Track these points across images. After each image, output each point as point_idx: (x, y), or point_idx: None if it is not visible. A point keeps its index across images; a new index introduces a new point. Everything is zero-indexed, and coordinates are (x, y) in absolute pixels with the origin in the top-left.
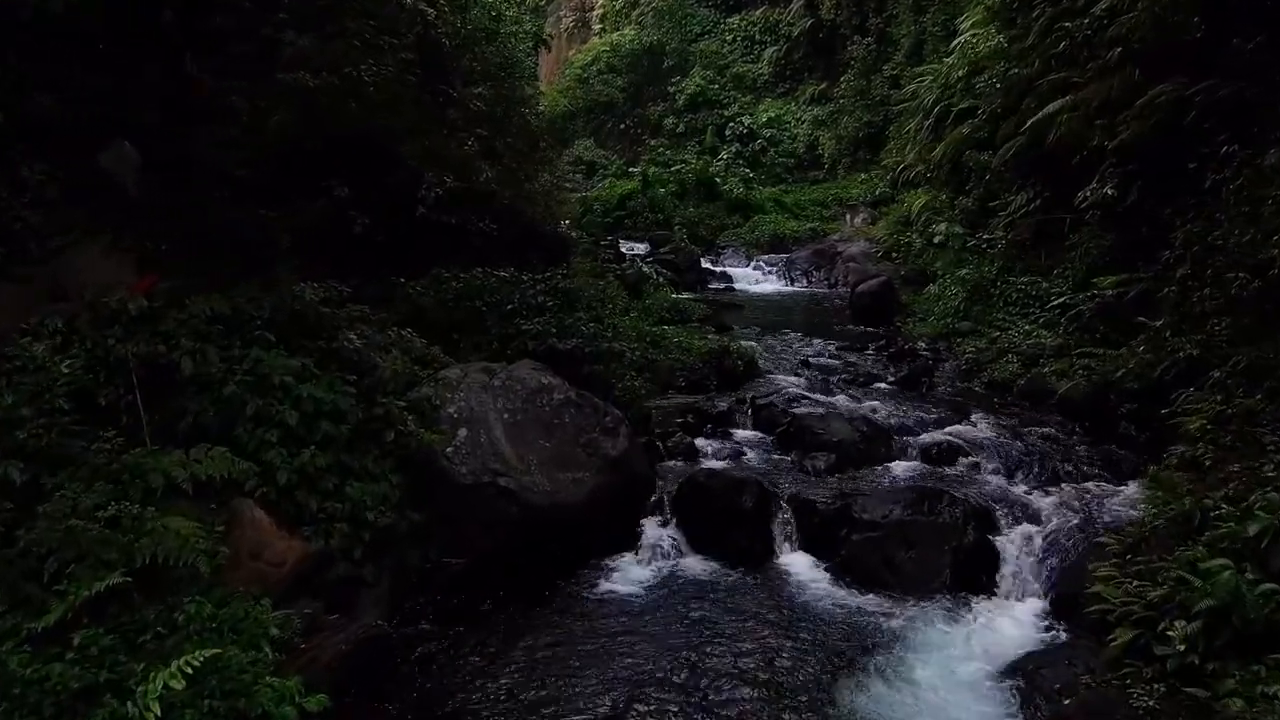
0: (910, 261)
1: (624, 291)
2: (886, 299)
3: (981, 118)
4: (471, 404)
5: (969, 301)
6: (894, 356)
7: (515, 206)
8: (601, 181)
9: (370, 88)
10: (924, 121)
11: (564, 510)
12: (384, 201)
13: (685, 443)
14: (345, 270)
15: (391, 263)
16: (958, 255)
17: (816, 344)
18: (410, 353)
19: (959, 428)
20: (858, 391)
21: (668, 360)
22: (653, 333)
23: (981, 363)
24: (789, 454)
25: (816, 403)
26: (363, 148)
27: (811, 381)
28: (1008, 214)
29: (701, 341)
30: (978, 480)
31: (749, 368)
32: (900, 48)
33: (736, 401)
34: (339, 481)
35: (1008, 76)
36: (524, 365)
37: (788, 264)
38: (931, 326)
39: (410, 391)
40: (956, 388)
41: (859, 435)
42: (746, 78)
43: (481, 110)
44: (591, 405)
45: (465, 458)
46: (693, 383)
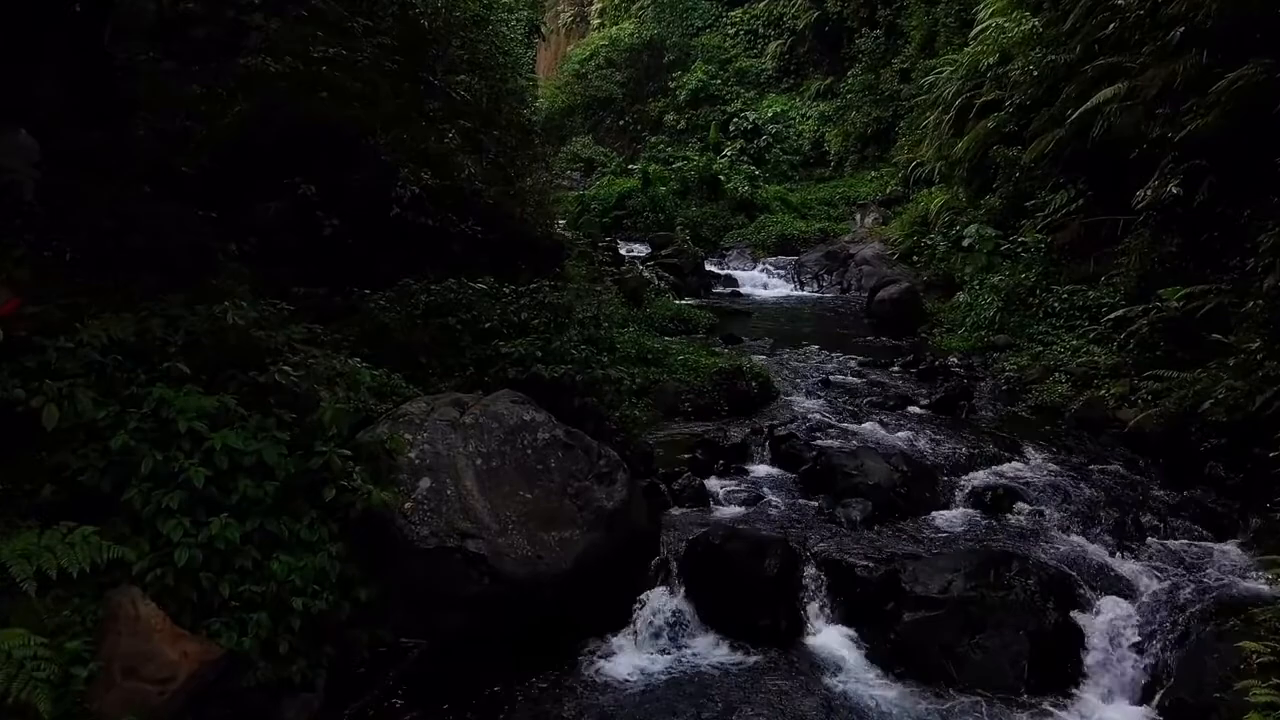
0: (933, 266)
1: (622, 299)
2: (909, 308)
3: (1009, 110)
4: (437, 447)
5: (1004, 312)
6: (924, 374)
7: (502, 206)
8: (600, 180)
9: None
10: (943, 115)
11: (548, 581)
12: (354, 201)
13: (694, 485)
14: (313, 278)
15: (364, 270)
16: (989, 260)
17: (835, 359)
18: (363, 383)
19: (1012, 465)
20: (888, 417)
21: (672, 381)
22: (655, 349)
23: (1025, 382)
24: (815, 498)
25: (843, 432)
26: (331, 141)
27: (834, 405)
28: (1045, 215)
29: (710, 359)
30: (1044, 535)
31: (764, 389)
32: (911, 40)
33: (752, 432)
34: (260, 556)
35: (1043, 64)
36: (503, 397)
37: (796, 267)
38: (962, 339)
39: (362, 432)
40: (999, 412)
41: (898, 476)
42: (749, 73)
43: (466, 100)
44: (583, 446)
45: (427, 516)
46: (700, 408)
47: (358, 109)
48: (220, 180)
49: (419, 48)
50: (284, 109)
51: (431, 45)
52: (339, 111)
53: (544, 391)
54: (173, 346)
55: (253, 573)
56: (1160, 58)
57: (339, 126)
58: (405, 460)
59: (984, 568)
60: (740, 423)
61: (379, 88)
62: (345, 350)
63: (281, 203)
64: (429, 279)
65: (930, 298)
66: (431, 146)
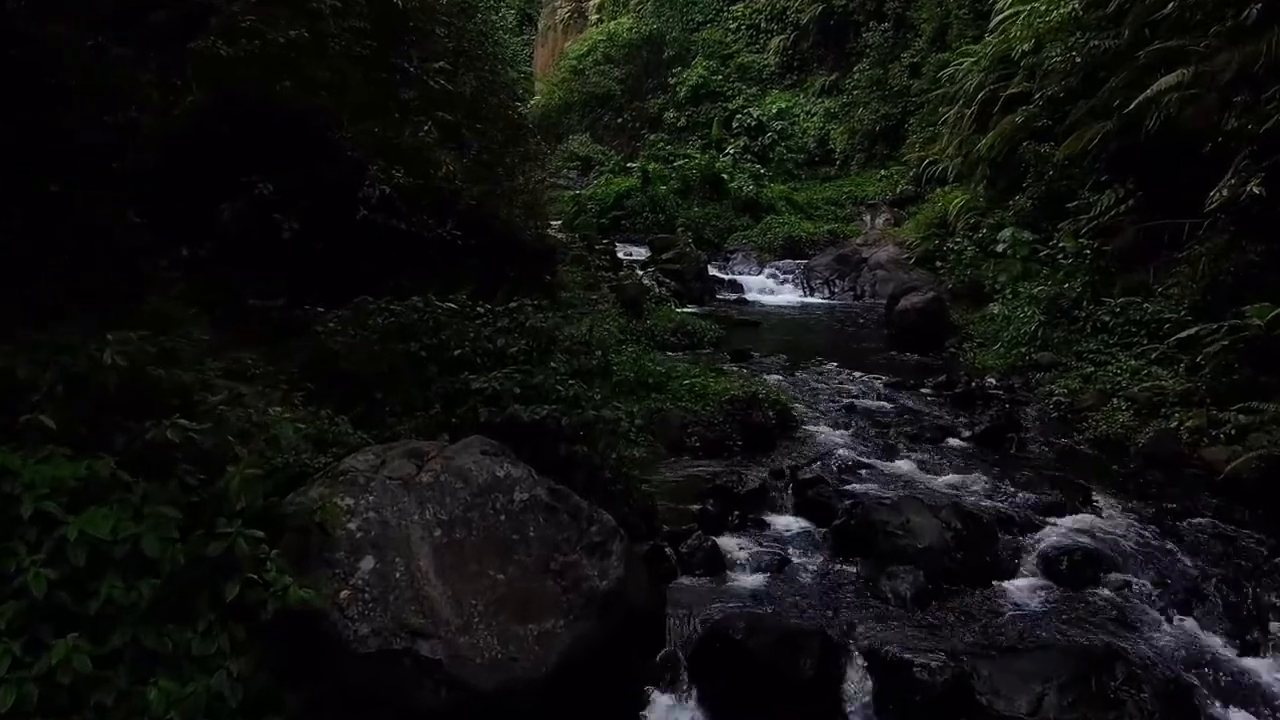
0: (958, 272)
1: (620, 309)
2: (936, 319)
3: (1039, 103)
4: (385, 514)
5: (1047, 326)
6: (960, 398)
7: (486, 207)
8: (598, 179)
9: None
10: (964, 110)
11: (523, 688)
12: (317, 201)
13: (705, 546)
14: (273, 288)
15: (329, 279)
16: (1025, 266)
17: (858, 378)
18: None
19: (1082, 517)
20: (926, 452)
21: (677, 411)
22: (656, 372)
23: (1078, 409)
24: (852, 562)
25: (877, 473)
26: (293, 134)
27: (863, 436)
28: (1090, 217)
29: (719, 383)
30: (1143, 620)
31: (782, 418)
32: (921, 33)
33: (771, 474)
34: (131, 683)
35: (1086, 50)
36: (471, 446)
37: (806, 271)
38: (999, 356)
39: (292, 495)
40: (1054, 446)
41: (952, 535)
42: (751, 68)
43: (447, 91)
44: (570, 508)
45: (369, 608)
46: (710, 442)
47: (324, 98)
48: (171, 178)
49: (395, 33)
50: (242, 98)
51: (410, 30)
52: (303, 101)
53: (523, 437)
54: (40, 393)
55: (116, 709)
56: (1234, 39)
57: (302, 118)
58: (343, 534)
59: (1081, 674)
60: (757, 461)
61: (349, 75)
62: (283, 385)
63: (238, 203)
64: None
65: (957, 308)
66: (406, 141)
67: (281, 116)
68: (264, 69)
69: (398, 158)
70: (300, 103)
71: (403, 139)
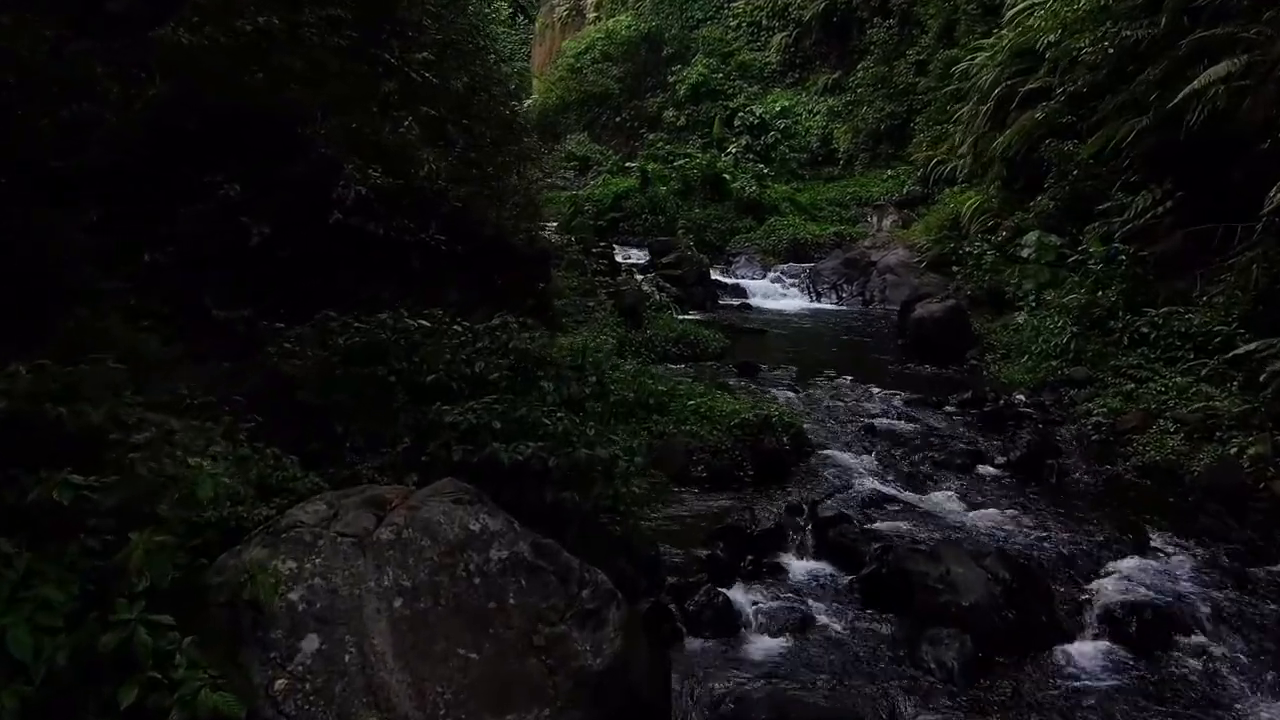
0: (976, 278)
1: (618, 318)
2: (955, 329)
3: (1061, 98)
4: (334, 581)
5: (1079, 338)
6: (988, 418)
7: (474, 209)
8: (595, 179)
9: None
10: (979, 107)
11: None
12: (287, 203)
13: (715, 601)
14: (240, 298)
15: (302, 288)
16: (1053, 273)
17: (875, 395)
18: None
19: (1143, 563)
20: (957, 482)
21: (682, 436)
22: (658, 391)
23: (1120, 432)
24: (883, 617)
25: (905, 508)
26: (262, 129)
27: (887, 463)
28: (1124, 220)
29: (728, 404)
30: (1230, 694)
31: (797, 443)
32: (928, 29)
33: (788, 509)
34: None
35: (1119, 40)
36: (442, 493)
37: (812, 276)
38: (1027, 370)
39: (224, 556)
40: (1098, 474)
41: (1000, 590)
42: (753, 66)
43: (431, 83)
44: (558, 569)
45: (311, 702)
46: (718, 472)
47: (297, 90)
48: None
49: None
50: (208, 91)
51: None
52: (274, 94)
53: (504, 481)
54: None
55: None
56: None
57: (272, 112)
58: (283, 606)
59: None
60: (770, 493)
61: (326, 66)
62: (227, 418)
63: (203, 205)
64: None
65: (976, 316)
66: (386, 138)
67: (250, 111)
68: (232, 59)
69: (377, 156)
70: (271, 96)
71: (382, 136)
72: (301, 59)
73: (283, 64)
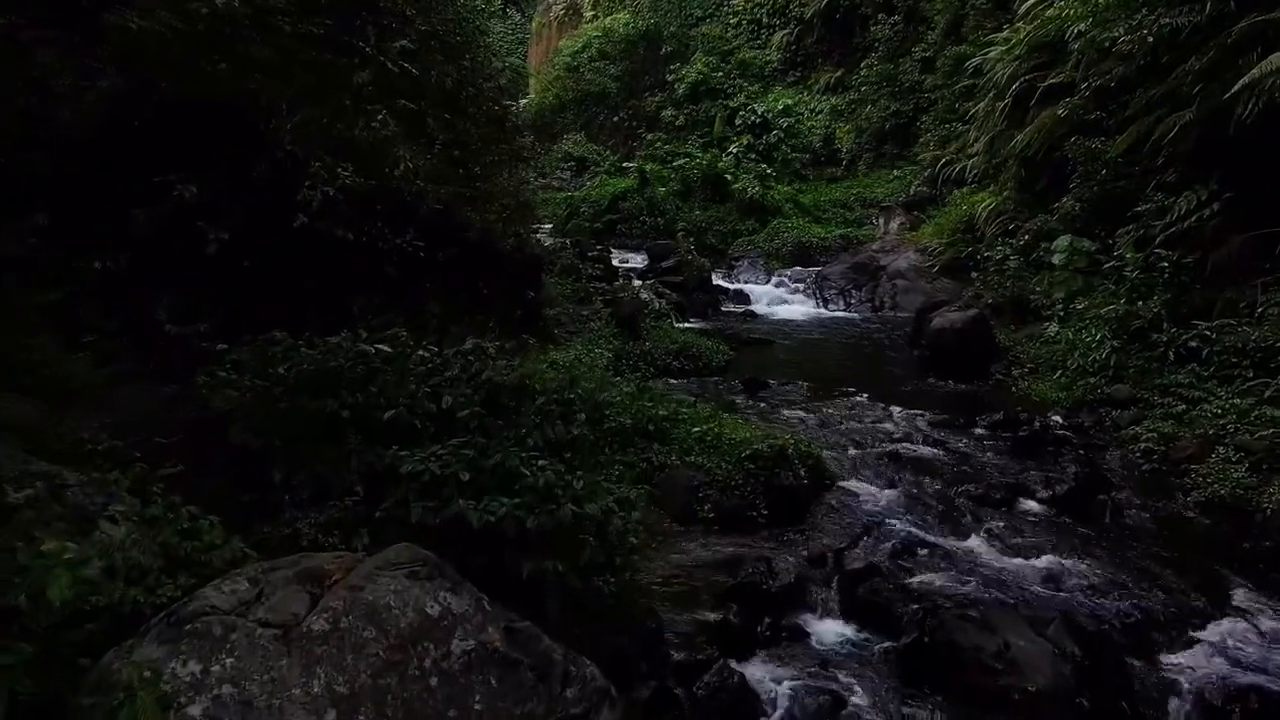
0: (999, 285)
1: (614, 329)
2: (978, 341)
3: (1085, 93)
4: (250, 688)
5: (1120, 352)
6: (1024, 443)
7: (457, 212)
8: (592, 180)
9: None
10: (996, 104)
11: None
12: (248, 206)
13: (729, 682)
14: (198, 310)
15: (265, 300)
16: (1086, 280)
17: (895, 414)
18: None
19: (1232, 627)
20: (999, 521)
21: (685, 468)
22: (657, 415)
23: (1175, 460)
24: (929, 700)
25: (944, 556)
26: (222, 125)
27: (916, 498)
28: (1166, 223)
29: (737, 429)
30: None
31: (815, 475)
32: (935, 26)
33: (809, 559)
34: None
35: (1158, 29)
36: (394, 565)
37: (819, 281)
38: (1061, 387)
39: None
40: (1156, 511)
41: (1071, 669)
42: (753, 64)
43: (410, 74)
44: (537, 660)
45: None
46: (728, 512)
47: (261, 82)
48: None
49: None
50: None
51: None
52: (234, 85)
53: (472, 546)
54: None
55: None
56: None
57: (233, 105)
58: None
59: None
60: (788, 537)
61: (295, 56)
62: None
63: (157, 208)
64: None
65: (999, 326)
66: (360, 134)
67: (209, 104)
68: (192, 47)
69: (349, 153)
70: (233, 88)
71: (356, 132)
72: (269, 47)
73: (247, 53)
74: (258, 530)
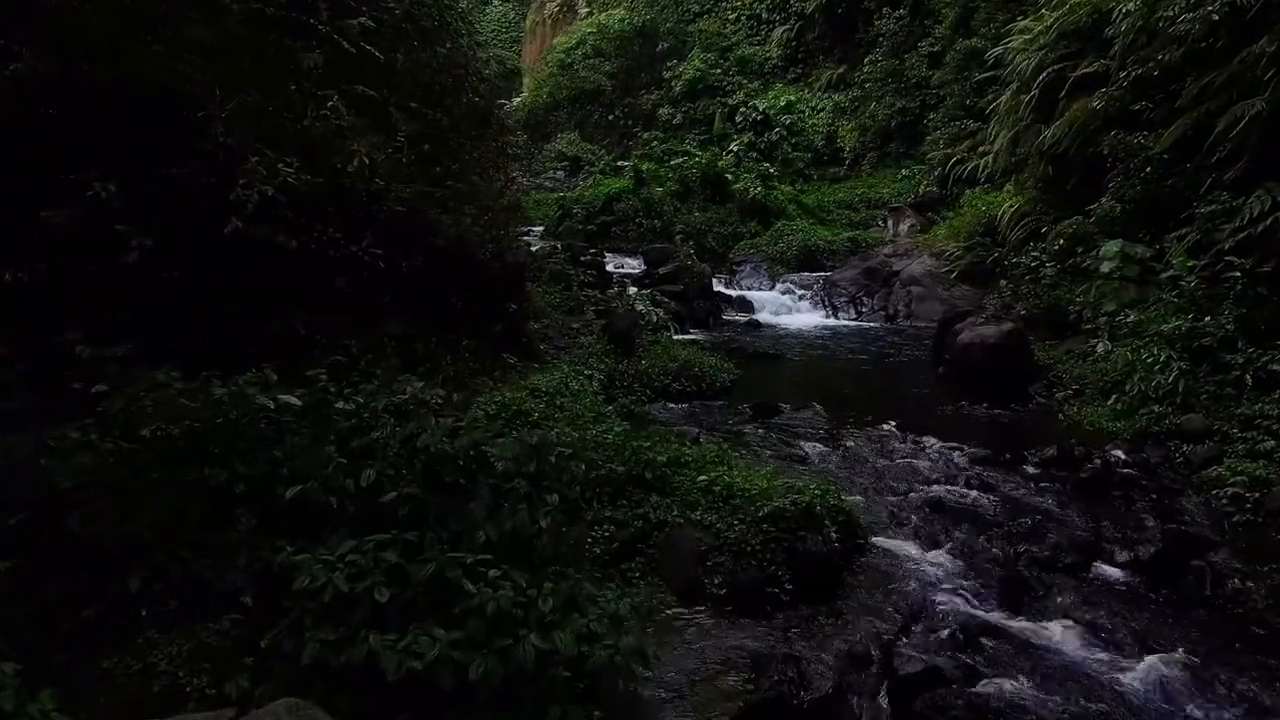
0: (1031, 293)
1: (607, 346)
2: (1014, 358)
3: (1124, 83)
4: None
5: (1189, 376)
6: (1087, 486)
7: (423, 214)
8: (586, 180)
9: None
10: (1020, 97)
11: None
12: (175, 207)
13: None
14: (118, 331)
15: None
16: (1140, 292)
17: (930, 449)
18: None
19: None
20: (1075, 595)
21: (690, 527)
22: (656, 461)
23: (1273, 510)
24: None
25: (1019, 650)
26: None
27: (971, 563)
28: (1236, 227)
29: (750, 476)
30: None
31: (847, 533)
32: (943, 19)
33: (850, 659)
34: None
35: (1222, 6)
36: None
37: (827, 287)
38: (1118, 416)
39: None
40: (1263, 580)
41: None
42: (752, 61)
43: (372, 57)
44: None
45: None
46: (741, 587)
47: (195, 64)
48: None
49: None
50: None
51: None
52: (164, 70)
53: (390, 698)
54: None
55: None
56: None
57: (161, 92)
58: None
59: None
60: (819, 622)
61: (238, 38)
62: None
63: (72, 210)
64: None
65: (1034, 340)
66: (310, 126)
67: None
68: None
69: (298, 147)
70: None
71: (305, 122)
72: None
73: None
74: (94, 665)
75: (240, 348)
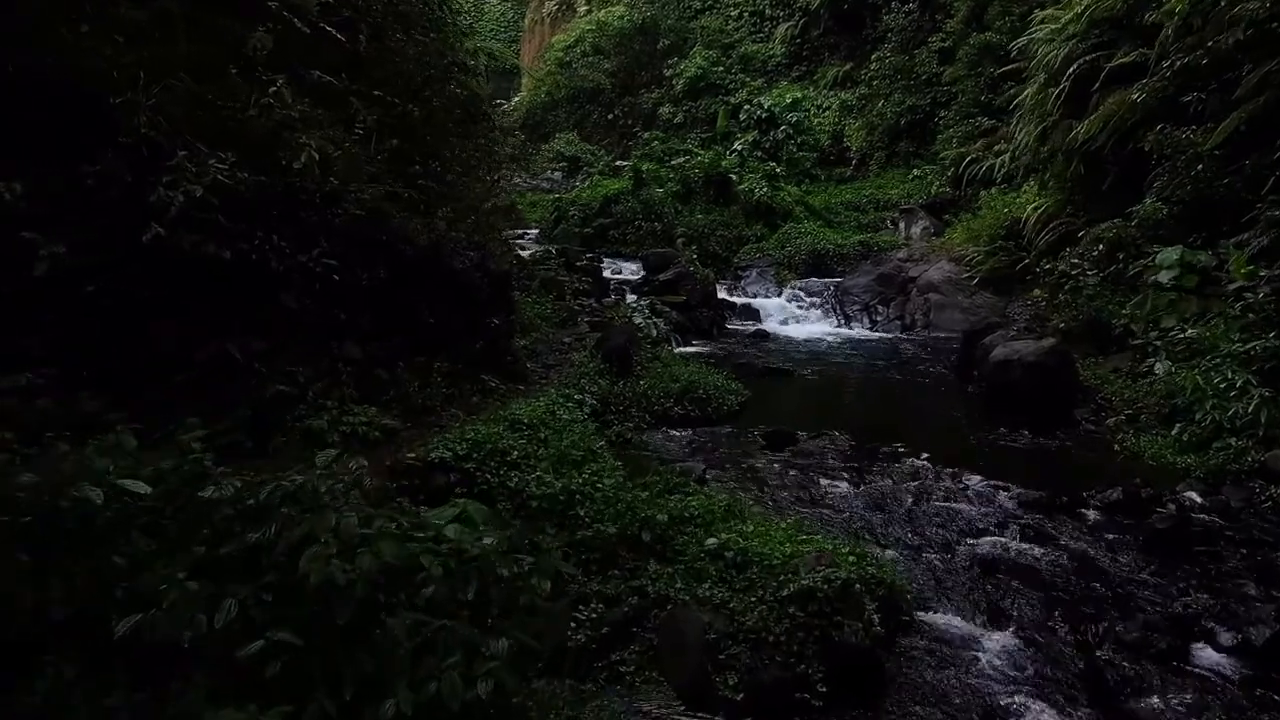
0: (1071, 304)
1: (600, 366)
2: (1058, 378)
3: (1168, 73)
4: None
5: (1272, 405)
6: (1165, 539)
7: (386, 219)
8: (585, 181)
9: None
10: (1049, 90)
11: None
12: (90, 212)
13: None
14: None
15: (124, 338)
16: (1202, 305)
17: (971, 487)
18: None
19: None
20: (1177, 695)
21: (697, 606)
22: (656, 520)
23: None
24: None
25: None
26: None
27: (1039, 647)
28: None
29: (773, 540)
30: None
31: (889, 610)
32: (954, 13)
33: None
34: None
35: None
36: None
37: (839, 295)
38: (1187, 448)
39: None
40: None
41: None
42: (756, 59)
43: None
44: None
45: None
46: (761, 688)
47: (119, 49)
48: None
49: None
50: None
51: None
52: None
53: None
54: None
55: None
56: None
57: (82, 76)
58: None
59: None
60: None
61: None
62: None
63: None
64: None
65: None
66: (254, 117)
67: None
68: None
69: (239, 141)
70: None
71: (248, 113)
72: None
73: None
74: None
75: (168, 376)
